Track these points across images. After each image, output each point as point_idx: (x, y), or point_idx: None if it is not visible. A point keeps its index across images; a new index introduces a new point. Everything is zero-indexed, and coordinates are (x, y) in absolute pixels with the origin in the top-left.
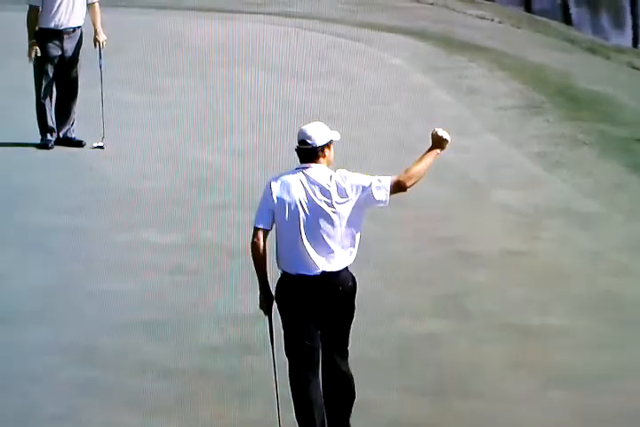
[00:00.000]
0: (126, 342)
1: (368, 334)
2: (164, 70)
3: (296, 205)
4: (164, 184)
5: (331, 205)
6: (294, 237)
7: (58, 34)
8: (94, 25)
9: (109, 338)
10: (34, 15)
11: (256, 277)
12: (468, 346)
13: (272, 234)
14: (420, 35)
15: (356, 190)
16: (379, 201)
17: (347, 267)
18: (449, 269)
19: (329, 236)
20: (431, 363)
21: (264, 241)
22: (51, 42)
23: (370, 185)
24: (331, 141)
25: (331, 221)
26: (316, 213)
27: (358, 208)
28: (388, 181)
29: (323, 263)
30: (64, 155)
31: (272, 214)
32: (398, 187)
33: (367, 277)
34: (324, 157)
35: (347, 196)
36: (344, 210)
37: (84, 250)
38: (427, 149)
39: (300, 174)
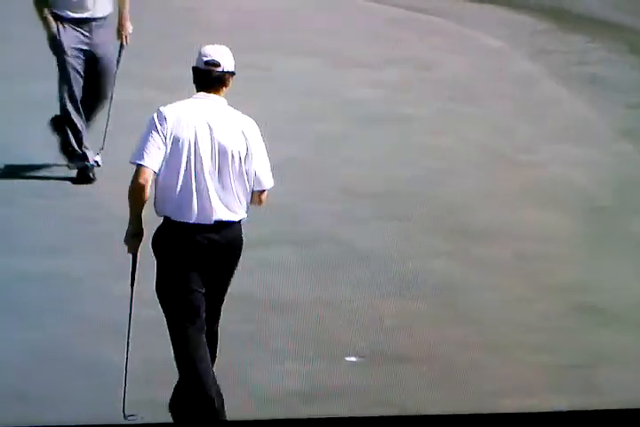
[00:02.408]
0: None
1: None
2: (174, 58)
3: (197, 144)
4: None
5: (236, 151)
6: (190, 180)
7: (83, 23)
8: (120, 12)
9: None
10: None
11: None
12: None
13: None
14: (524, 6)
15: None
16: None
17: (239, 221)
18: (570, 330)
19: (231, 183)
20: None
21: (149, 184)
22: (76, 31)
23: (259, 172)
24: (234, 73)
25: (234, 167)
26: (220, 156)
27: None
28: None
29: (222, 212)
30: None
31: (162, 155)
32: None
33: (455, 340)
34: (226, 87)
35: (249, 151)
36: (246, 159)
37: (69, 304)
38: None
39: (202, 106)
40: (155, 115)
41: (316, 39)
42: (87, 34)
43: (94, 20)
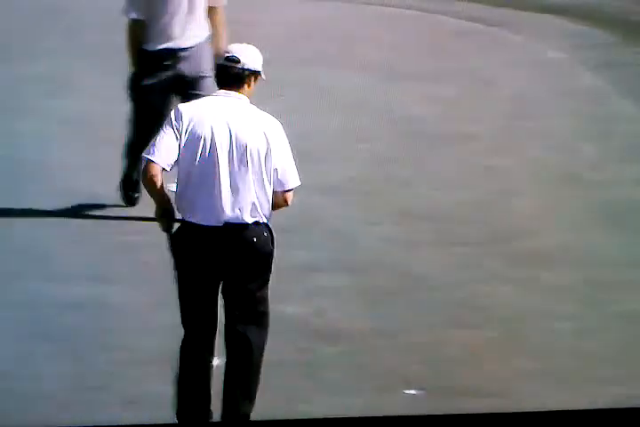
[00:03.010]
0: None
1: None
2: None
3: (213, 142)
4: None
5: (255, 149)
6: (202, 179)
7: (171, 55)
8: (215, 39)
9: None
10: (138, 31)
11: None
12: None
13: None
14: (588, 17)
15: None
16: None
17: (262, 223)
18: None
19: (249, 183)
20: None
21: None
22: (160, 65)
23: (281, 171)
24: (260, 75)
25: (254, 167)
26: (238, 155)
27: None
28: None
29: (232, 214)
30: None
31: (175, 152)
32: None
33: (522, 372)
34: (249, 87)
35: (269, 150)
36: (267, 159)
37: (109, 334)
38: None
39: (221, 104)
40: (172, 112)
41: (368, 52)
42: (173, 65)
43: (182, 50)
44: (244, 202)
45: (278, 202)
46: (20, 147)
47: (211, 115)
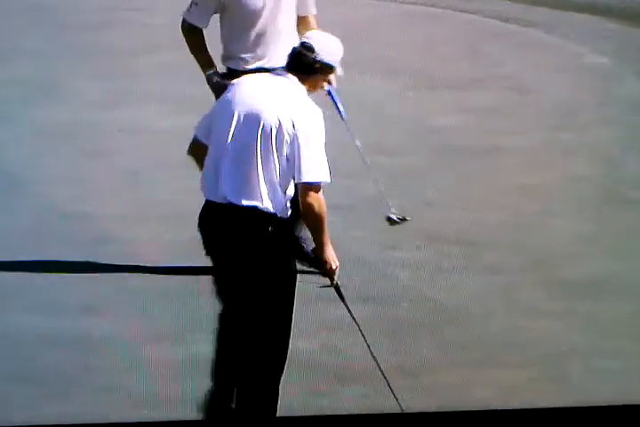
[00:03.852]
0: None
1: None
2: None
3: (237, 119)
4: None
5: (274, 135)
6: (216, 153)
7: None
8: None
9: None
10: (196, 40)
11: None
12: None
13: None
14: (633, 17)
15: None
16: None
17: (263, 210)
18: None
19: (257, 165)
20: None
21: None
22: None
23: (298, 161)
24: (333, 70)
25: (267, 150)
26: (255, 136)
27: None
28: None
29: (233, 193)
30: None
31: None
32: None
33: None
34: (315, 80)
35: (292, 138)
36: (286, 146)
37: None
38: None
39: (268, 83)
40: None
41: (394, 55)
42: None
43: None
44: (244, 183)
45: (299, 197)
46: None
47: (248, 92)
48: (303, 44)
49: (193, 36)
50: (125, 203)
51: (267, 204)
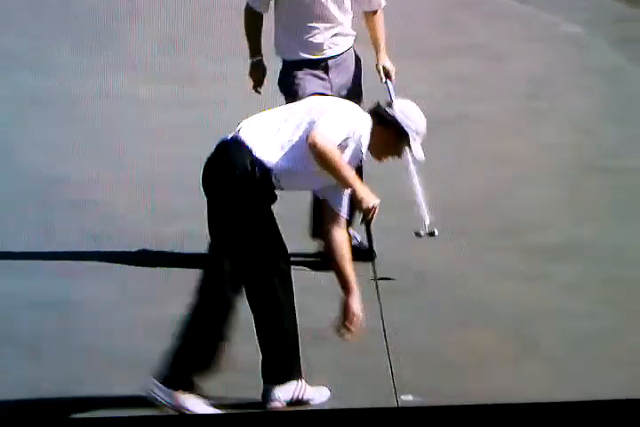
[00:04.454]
0: None
1: None
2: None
3: None
4: None
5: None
6: None
7: (318, 64)
8: (374, 44)
9: None
10: (252, 24)
11: None
12: None
13: None
14: None
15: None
16: None
17: (255, 154)
18: None
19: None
20: None
21: None
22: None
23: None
24: (407, 136)
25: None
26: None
27: None
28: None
29: (246, 131)
30: None
31: None
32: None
33: (530, 378)
34: (383, 137)
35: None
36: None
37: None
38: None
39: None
40: None
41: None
42: (323, 75)
43: (331, 58)
44: (263, 129)
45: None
46: None
47: None
48: (385, 105)
49: (251, 19)
50: (103, 167)
51: (267, 156)
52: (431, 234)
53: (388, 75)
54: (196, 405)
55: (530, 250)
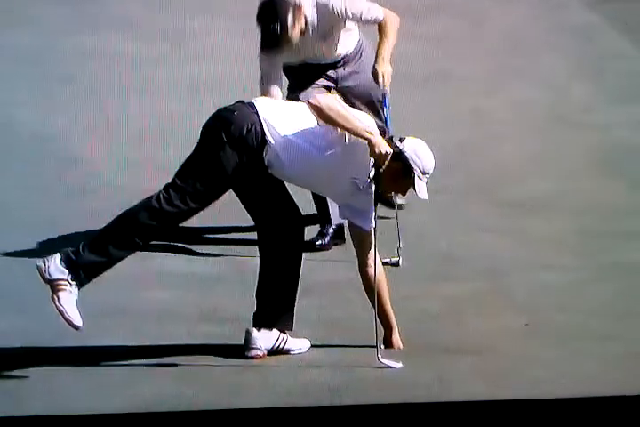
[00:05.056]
0: None
1: None
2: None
3: None
4: None
5: None
6: None
7: (324, 69)
8: (378, 48)
9: None
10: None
11: None
12: None
13: None
14: None
15: None
16: None
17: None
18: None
19: None
20: None
21: None
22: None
23: None
24: (413, 172)
25: None
26: None
27: None
28: None
29: None
30: None
31: None
32: None
33: (505, 328)
34: (391, 173)
35: None
36: None
37: None
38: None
39: None
40: None
41: None
42: (332, 75)
43: (339, 60)
44: None
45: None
46: None
47: None
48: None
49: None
50: (89, 125)
51: (272, 119)
52: (394, 264)
53: (381, 80)
54: None
55: (504, 204)
